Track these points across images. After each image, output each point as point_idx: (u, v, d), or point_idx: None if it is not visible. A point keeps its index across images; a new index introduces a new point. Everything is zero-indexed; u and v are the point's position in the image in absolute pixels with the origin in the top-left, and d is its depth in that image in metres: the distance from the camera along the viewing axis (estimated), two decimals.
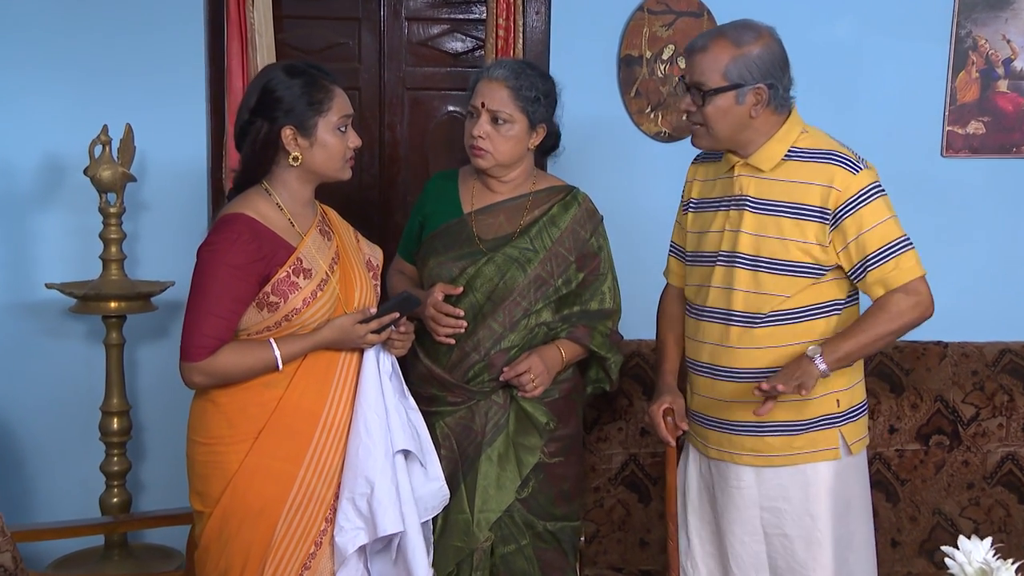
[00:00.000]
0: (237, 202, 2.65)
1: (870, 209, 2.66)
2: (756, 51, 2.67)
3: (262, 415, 2.60)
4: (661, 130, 4.06)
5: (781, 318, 2.72)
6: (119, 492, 3.81)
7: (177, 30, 3.97)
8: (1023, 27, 4.07)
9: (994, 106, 4.10)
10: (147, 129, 3.84)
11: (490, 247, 3.03)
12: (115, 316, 3.70)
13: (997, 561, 1.91)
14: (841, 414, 2.78)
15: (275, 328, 2.59)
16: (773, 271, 2.71)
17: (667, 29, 4.01)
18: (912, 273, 2.67)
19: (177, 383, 4.02)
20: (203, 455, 2.65)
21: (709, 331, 2.81)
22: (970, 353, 3.71)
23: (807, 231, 2.69)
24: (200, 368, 2.56)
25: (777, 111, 2.73)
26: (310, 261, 2.62)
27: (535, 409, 3.00)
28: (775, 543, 2.80)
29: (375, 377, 2.70)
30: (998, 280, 4.04)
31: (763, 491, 2.80)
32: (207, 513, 2.63)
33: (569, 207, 3.07)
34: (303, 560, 2.62)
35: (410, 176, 4.25)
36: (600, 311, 3.08)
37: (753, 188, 2.75)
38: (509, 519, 3.01)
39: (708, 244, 2.84)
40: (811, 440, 2.75)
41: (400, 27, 4.20)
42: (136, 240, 3.94)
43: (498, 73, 3.01)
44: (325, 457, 2.63)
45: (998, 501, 3.69)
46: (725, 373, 2.79)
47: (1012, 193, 4.15)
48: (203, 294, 2.55)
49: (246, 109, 2.64)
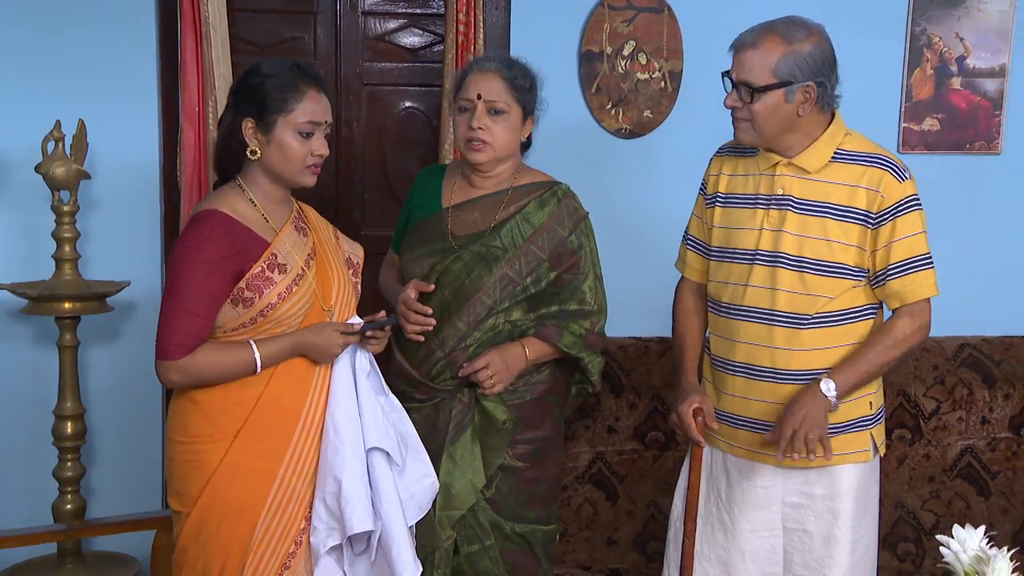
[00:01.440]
0: (210, 199, 2.64)
1: (906, 219, 2.68)
2: (807, 48, 2.64)
3: (242, 413, 2.57)
4: (622, 126, 4.05)
5: (827, 320, 2.72)
6: (73, 498, 3.70)
7: (128, 23, 3.85)
8: (976, 25, 4.13)
9: (948, 103, 4.15)
10: (97, 125, 3.73)
11: (462, 244, 3.00)
12: (69, 317, 3.59)
13: (992, 549, 1.93)
14: (872, 416, 2.80)
15: (251, 324, 2.57)
16: (818, 272, 2.70)
17: (628, 25, 3.99)
18: (926, 292, 2.71)
19: (129, 386, 4.00)
20: (182, 454, 2.62)
21: (747, 330, 2.77)
22: (930, 348, 3.75)
23: (851, 233, 2.69)
24: (177, 366, 2.52)
25: (822, 110, 2.71)
26: (285, 256, 2.60)
27: (495, 407, 2.97)
28: (794, 538, 2.80)
29: (347, 375, 2.68)
30: (954, 275, 4.04)
31: (787, 487, 2.79)
32: (185, 513, 2.60)
33: (546, 204, 3.03)
34: (283, 560, 2.59)
35: (367, 173, 4.19)
36: (579, 311, 3.02)
37: (797, 189, 2.73)
38: (473, 518, 2.97)
39: (743, 241, 2.80)
40: (844, 442, 2.75)
41: (356, 21, 4.13)
42: (86, 239, 3.83)
43: (490, 64, 2.99)
44: (304, 455, 2.61)
45: (958, 493, 3.74)
46: (766, 374, 2.76)
47: (966, 189, 4.21)
48: (178, 292, 2.52)
49: (227, 101, 2.66)
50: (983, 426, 3.74)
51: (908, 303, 2.70)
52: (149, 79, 3.90)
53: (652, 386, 3.67)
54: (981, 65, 4.14)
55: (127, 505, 3.89)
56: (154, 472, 3.99)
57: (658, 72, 4.03)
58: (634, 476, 3.67)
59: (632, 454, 3.67)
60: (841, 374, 2.68)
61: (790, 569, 2.82)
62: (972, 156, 4.19)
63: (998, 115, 4.16)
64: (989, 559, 1.91)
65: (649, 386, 3.67)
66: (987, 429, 3.74)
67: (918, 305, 2.71)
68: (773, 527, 2.81)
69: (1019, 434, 3.74)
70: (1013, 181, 4.21)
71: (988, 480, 3.74)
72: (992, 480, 3.74)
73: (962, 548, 1.95)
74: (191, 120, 3.74)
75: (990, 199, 4.23)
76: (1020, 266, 4.25)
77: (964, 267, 4.16)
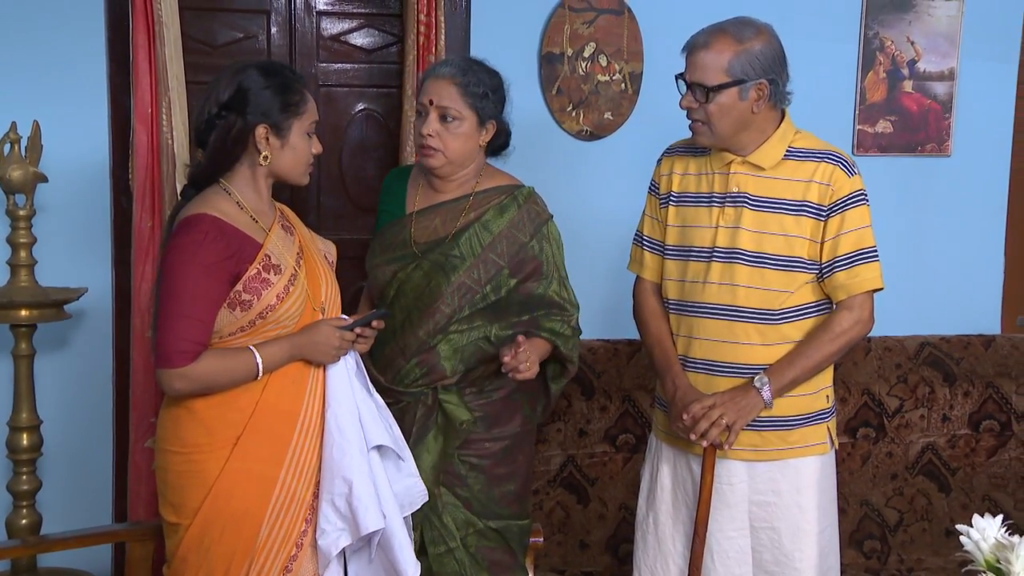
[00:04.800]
0: (196, 203, 2.57)
1: (855, 213, 2.74)
2: (758, 47, 2.70)
3: (241, 420, 2.53)
4: (583, 128, 4.03)
5: (790, 315, 2.76)
6: (28, 513, 3.57)
7: (77, 22, 3.73)
8: (925, 29, 4.19)
9: (900, 106, 4.21)
10: (47, 126, 3.60)
11: (423, 251, 2.98)
12: (25, 325, 3.46)
13: (1013, 537, 1.95)
14: (828, 410, 2.85)
15: (249, 328, 2.52)
16: (777, 267, 2.74)
17: (588, 27, 3.98)
18: (871, 284, 2.75)
19: (84, 397, 3.86)
20: (178, 465, 2.55)
21: (707, 327, 2.80)
22: (892, 347, 3.80)
23: (805, 227, 2.74)
24: (182, 374, 2.45)
25: (775, 107, 2.78)
26: (278, 257, 2.57)
27: (456, 409, 2.95)
28: (762, 536, 2.82)
29: (344, 374, 2.65)
30: (909, 275, 4.15)
31: (754, 486, 2.81)
32: (184, 524, 2.54)
33: (506, 210, 3.00)
34: (284, 563, 2.57)
35: (322, 175, 4.12)
36: (547, 314, 2.99)
37: (752, 186, 2.77)
38: (438, 520, 2.94)
39: (698, 239, 2.83)
40: (804, 435, 2.80)
41: (311, 21, 4.06)
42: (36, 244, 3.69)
43: (445, 70, 2.96)
44: (304, 457, 2.58)
45: (920, 490, 3.79)
46: (728, 369, 2.78)
47: (919, 190, 4.27)
48: (176, 297, 2.45)
49: (215, 103, 2.56)
50: (944, 423, 3.80)
51: (852, 294, 2.73)
52: (99, 79, 3.78)
53: (623, 388, 3.66)
54: (931, 69, 4.20)
55: (77, 519, 3.75)
56: (105, 485, 3.88)
57: (618, 74, 4.02)
58: (605, 479, 3.65)
59: (603, 457, 3.65)
60: (777, 370, 2.72)
61: (761, 567, 2.83)
62: (923, 158, 4.25)
63: (948, 118, 4.23)
64: (1013, 546, 1.92)
65: (620, 388, 3.66)
66: (948, 426, 3.80)
67: (859, 298, 2.74)
68: (741, 527, 2.83)
69: (978, 431, 3.81)
70: (963, 183, 4.28)
71: (948, 476, 3.80)
72: (952, 476, 3.80)
73: (982, 536, 1.97)
74: (144, 122, 3.62)
75: (941, 200, 4.30)
76: (969, 266, 4.33)
77: (916, 267, 4.23)
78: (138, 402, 3.64)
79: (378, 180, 4.08)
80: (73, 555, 3.62)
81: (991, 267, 4.39)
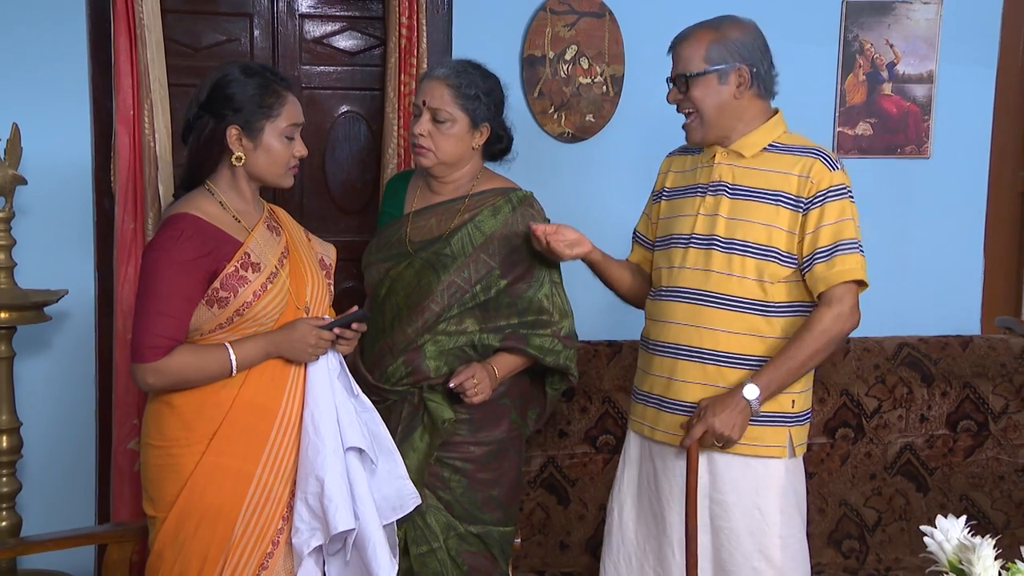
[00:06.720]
0: (179, 203, 2.62)
1: (835, 206, 2.74)
2: (735, 35, 2.78)
3: (218, 415, 2.56)
4: (565, 131, 4.05)
5: (761, 307, 2.78)
6: (8, 515, 3.58)
7: (58, 23, 3.74)
8: (904, 32, 4.22)
9: (880, 108, 4.24)
10: (28, 129, 3.61)
11: (416, 249, 3.01)
12: (4, 327, 3.47)
13: (975, 538, 1.96)
14: (792, 415, 2.83)
15: (227, 325, 2.55)
16: (749, 254, 2.77)
17: (569, 29, 4.00)
18: (851, 274, 2.73)
19: (66, 399, 3.87)
20: (157, 458, 2.59)
21: (677, 311, 2.84)
22: (871, 348, 3.83)
23: (782, 218, 2.76)
24: (153, 369, 2.49)
25: (761, 96, 2.82)
26: (258, 255, 2.60)
27: (438, 407, 2.96)
28: (721, 536, 2.83)
29: (324, 374, 2.67)
30: (889, 277, 4.16)
31: (714, 484, 2.81)
32: (160, 518, 2.57)
33: (499, 212, 3.03)
34: (260, 560, 2.58)
35: (306, 177, 4.12)
36: (537, 320, 3.02)
37: (731, 175, 2.82)
38: (421, 520, 2.95)
39: (680, 227, 2.89)
40: (760, 435, 2.79)
41: (294, 24, 4.07)
42: (16, 246, 3.69)
43: (439, 72, 3.01)
44: (281, 455, 2.61)
45: (898, 490, 3.81)
46: (693, 353, 2.81)
47: (899, 192, 4.30)
48: (152, 294, 2.49)
49: (195, 103, 2.61)
50: (921, 424, 3.82)
51: (832, 285, 2.73)
52: (81, 81, 3.79)
53: (603, 390, 3.68)
54: (911, 71, 4.23)
55: (60, 521, 3.75)
56: (87, 486, 3.89)
57: (600, 76, 4.04)
58: (585, 480, 3.67)
59: (583, 458, 3.67)
60: (764, 375, 2.73)
61: (720, 566, 2.83)
62: (903, 160, 4.29)
63: (927, 120, 4.26)
64: (974, 547, 1.94)
65: (600, 390, 3.68)
66: (925, 427, 3.82)
67: (838, 290, 2.73)
68: (702, 523, 2.82)
69: (955, 431, 3.84)
70: (942, 184, 4.32)
71: (926, 476, 3.82)
72: (930, 476, 3.82)
73: (946, 538, 1.98)
74: (126, 124, 3.63)
75: (921, 202, 4.33)
76: (949, 267, 4.36)
77: (897, 268, 4.26)
78: (121, 404, 3.66)
79: (361, 182, 4.13)
80: (56, 558, 3.64)
81: (971, 268, 4.43)
